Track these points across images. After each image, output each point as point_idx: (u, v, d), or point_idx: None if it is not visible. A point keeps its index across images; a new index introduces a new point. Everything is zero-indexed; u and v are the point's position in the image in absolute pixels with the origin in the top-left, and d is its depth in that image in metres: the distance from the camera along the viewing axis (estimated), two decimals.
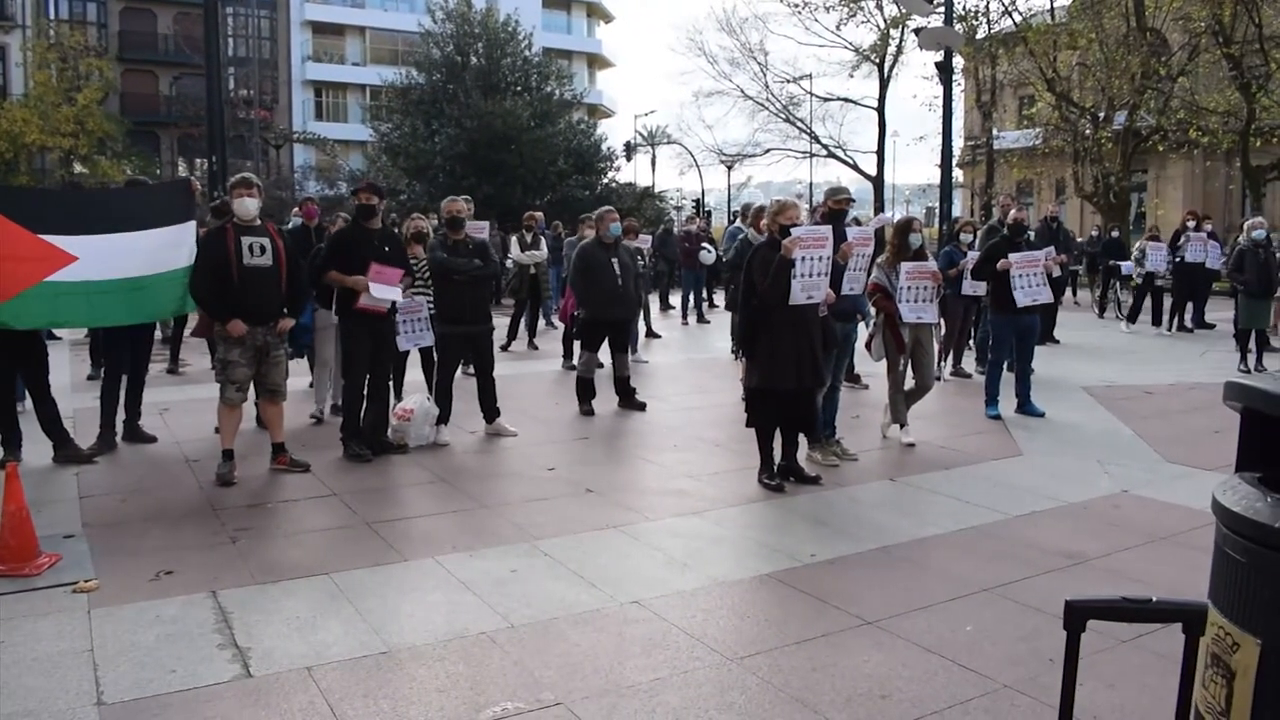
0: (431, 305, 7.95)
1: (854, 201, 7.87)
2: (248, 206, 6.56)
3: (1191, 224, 16.15)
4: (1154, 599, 2.02)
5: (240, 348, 6.53)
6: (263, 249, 6.56)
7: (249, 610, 4.36)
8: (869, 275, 7.66)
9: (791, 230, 6.21)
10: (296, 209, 12.88)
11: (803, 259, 6.14)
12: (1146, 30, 26.56)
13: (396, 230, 8.72)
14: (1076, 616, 1.96)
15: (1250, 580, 2.04)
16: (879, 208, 37.12)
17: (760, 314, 6.33)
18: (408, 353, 8.29)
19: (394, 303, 7.32)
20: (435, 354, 8.19)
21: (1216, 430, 7.75)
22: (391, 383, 7.96)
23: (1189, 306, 16.19)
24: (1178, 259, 15.77)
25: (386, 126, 33.37)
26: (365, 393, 7.36)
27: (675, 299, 18.70)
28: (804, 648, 4.01)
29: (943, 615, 4.36)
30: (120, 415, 7.68)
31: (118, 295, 6.87)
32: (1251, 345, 11.94)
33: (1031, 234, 10.56)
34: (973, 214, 33.02)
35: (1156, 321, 16.29)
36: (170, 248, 7.00)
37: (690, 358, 13.44)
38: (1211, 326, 16.07)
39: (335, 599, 4.50)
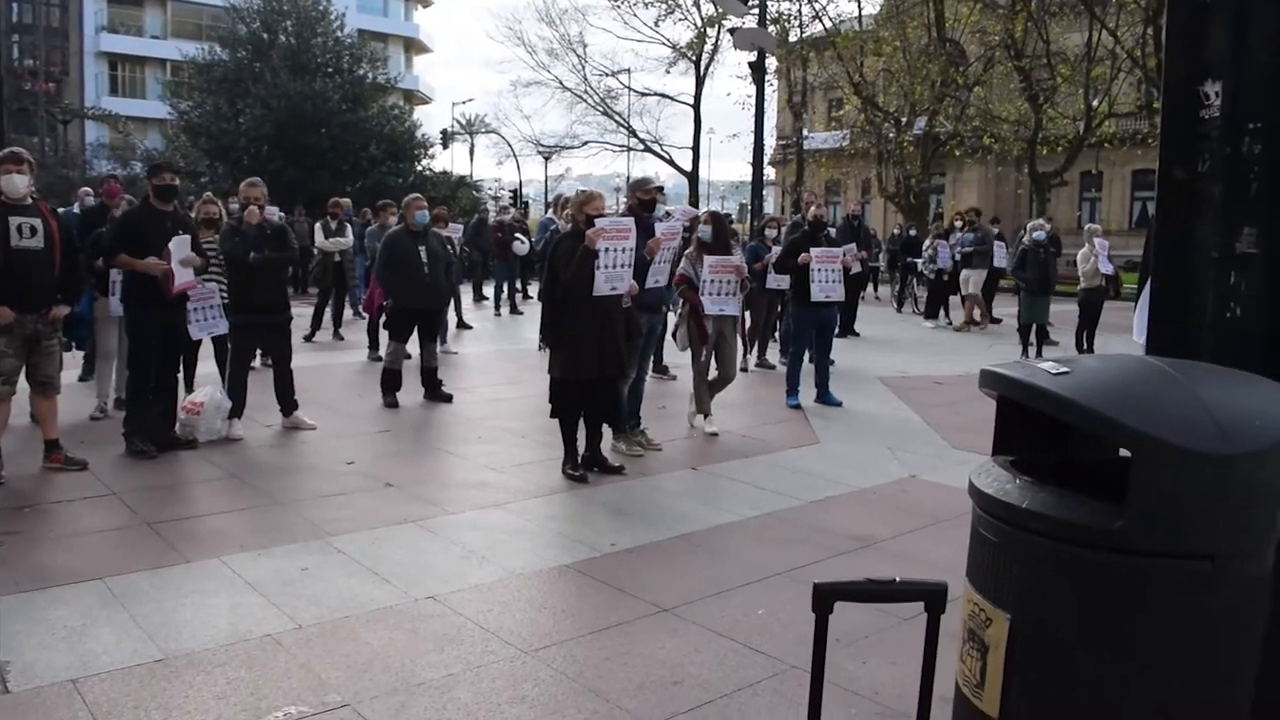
0: (224, 293, 7.59)
1: (662, 189, 7.96)
2: (15, 184, 6.05)
3: (959, 224, 17.21)
4: (897, 579, 2.10)
5: (7, 336, 6.03)
6: (33, 230, 6.08)
7: (11, 620, 4.03)
8: (676, 267, 7.77)
9: (595, 221, 6.23)
10: (87, 189, 12.17)
11: (606, 250, 6.16)
12: (946, 41, 28.04)
13: (191, 214, 8.31)
14: (824, 599, 2.02)
15: (1001, 559, 2.14)
16: (694, 202, 37.77)
17: (564, 304, 6.32)
18: (199, 342, 7.89)
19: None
20: (229, 343, 7.82)
21: None
22: (181, 374, 7.55)
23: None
24: (954, 257, 16.77)
25: (187, 105, 31.82)
26: (152, 385, 6.96)
27: (488, 290, 18.51)
28: (599, 637, 4.01)
29: (737, 600, 4.44)
30: None
31: None
32: (1033, 339, 12.79)
33: (833, 231, 10.96)
34: (783, 211, 34.05)
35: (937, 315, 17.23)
36: None
37: (501, 349, 13.37)
38: (998, 321, 17.07)
39: (108, 605, 4.22)
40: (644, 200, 7.29)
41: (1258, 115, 2.28)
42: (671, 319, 8.25)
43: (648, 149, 41.67)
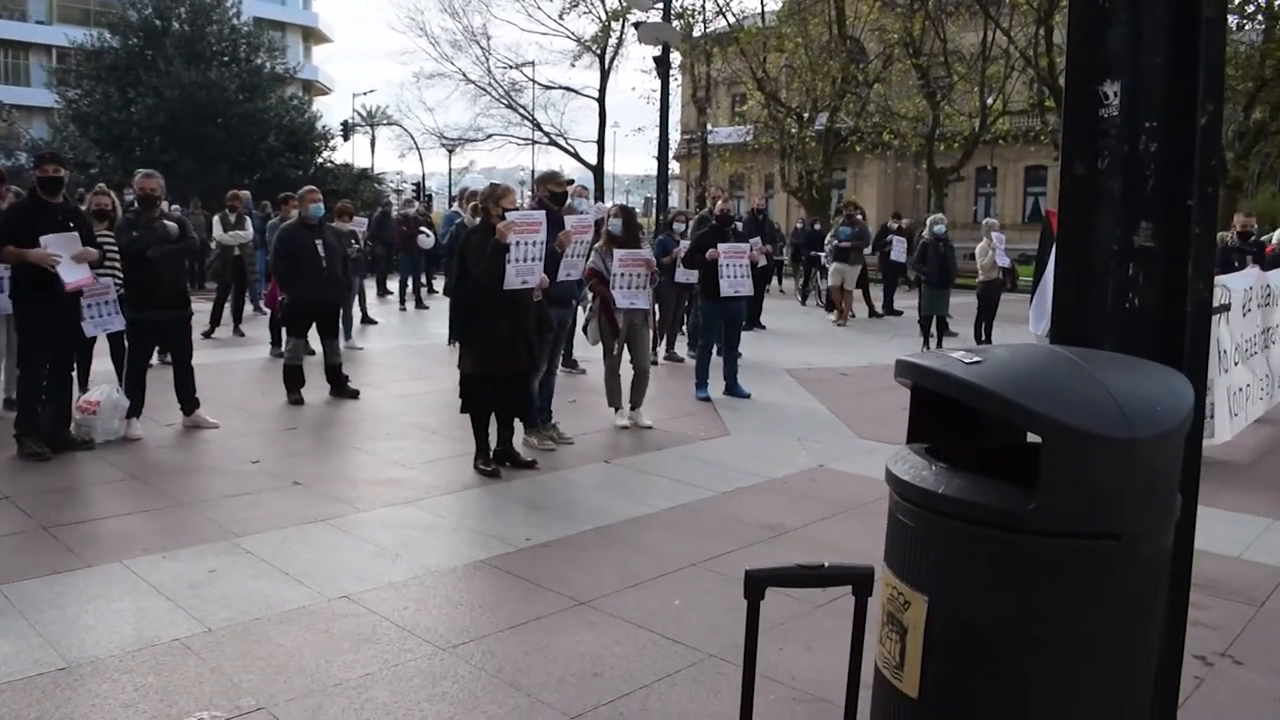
0: (121, 287, 7.35)
1: (573, 182, 7.94)
2: None
3: (841, 218, 17.51)
4: (825, 565, 2.14)
5: None
6: None
7: None
8: (587, 261, 7.77)
9: (506, 214, 6.20)
10: None
11: (517, 244, 6.14)
12: (847, 38, 28.57)
13: (81, 206, 8.02)
14: (755, 585, 2.05)
15: (919, 543, 2.19)
16: (600, 196, 37.73)
17: (475, 299, 6.28)
18: (94, 339, 7.63)
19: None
20: (126, 340, 7.58)
21: (903, 408, 8.30)
22: (75, 372, 7.29)
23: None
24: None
25: (75, 93, 30.57)
26: (45, 384, 6.70)
27: (393, 284, 18.25)
28: (517, 632, 4.00)
29: (653, 591, 4.48)
30: None
31: None
32: (933, 330, 13.10)
33: (739, 225, 11.07)
34: (688, 205, 34.26)
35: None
36: None
37: (407, 344, 13.20)
38: (899, 313, 17.44)
39: (6, 614, 4.05)
40: (555, 193, 7.27)
41: (1153, 114, 2.38)
42: (581, 313, 8.25)
43: (552, 142, 41.51)
